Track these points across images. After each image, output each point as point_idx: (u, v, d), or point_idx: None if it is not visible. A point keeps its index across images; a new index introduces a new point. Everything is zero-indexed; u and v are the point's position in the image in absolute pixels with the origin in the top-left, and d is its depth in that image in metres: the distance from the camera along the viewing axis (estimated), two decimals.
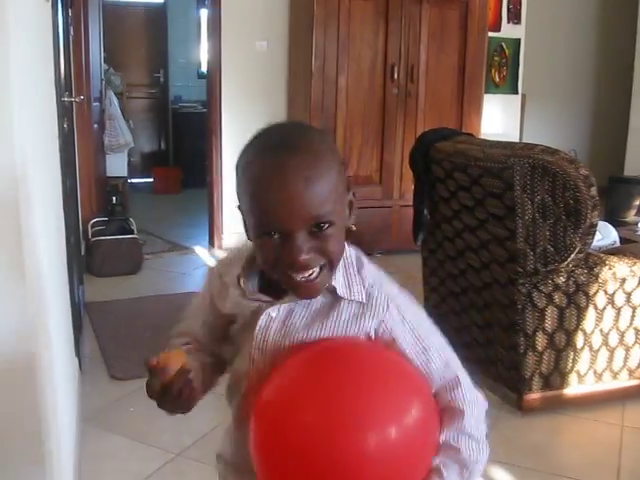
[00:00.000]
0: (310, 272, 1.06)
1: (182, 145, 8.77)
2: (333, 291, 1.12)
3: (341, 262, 1.12)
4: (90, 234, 4.98)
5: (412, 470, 1.05)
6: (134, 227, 5.21)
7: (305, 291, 1.09)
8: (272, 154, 1.04)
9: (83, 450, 2.53)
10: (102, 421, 2.80)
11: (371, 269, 1.17)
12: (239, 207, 1.13)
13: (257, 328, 1.13)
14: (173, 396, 1.07)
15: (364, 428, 0.98)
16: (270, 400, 1.05)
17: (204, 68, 8.55)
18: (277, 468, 1.02)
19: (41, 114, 2.10)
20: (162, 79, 9.05)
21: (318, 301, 1.12)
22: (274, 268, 1.07)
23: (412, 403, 1.06)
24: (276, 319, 1.13)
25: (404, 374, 1.10)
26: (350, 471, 0.96)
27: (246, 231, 1.12)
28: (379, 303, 1.13)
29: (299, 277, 1.06)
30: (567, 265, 2.75)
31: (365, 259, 1.18)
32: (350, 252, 1.16)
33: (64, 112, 3.05)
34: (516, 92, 6.59)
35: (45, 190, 2.06)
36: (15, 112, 1.39)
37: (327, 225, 1.04)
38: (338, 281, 1.12)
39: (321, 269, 1.07)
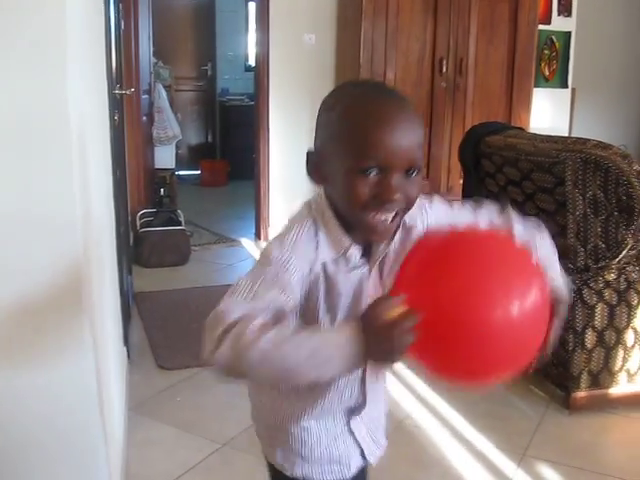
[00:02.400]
0: (390, 215, 1.12)
1: (229, 138, 8.82)
2: (405, 226, 1.21)
3: None
4: (138, 225, 5.04)
5: (536, 335, 1.12)
6: (182, 219, 5.26)
7: (380, 233, 1.14)
8: (383, 98, 1.12)
9: (131, 438, 2.57)
10: (149, 410, 2.84)
11: None
12: (312, 151, 1.18)
13: (365, 295, 1.18)
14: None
15: (490, 305, 1.05)
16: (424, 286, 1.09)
17: (251, 61, 8.60)
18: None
19: (94, 106, 2.12)
20: (210, 72, 9.10)
21: (396, 242, 1.20)
22: (364, 207, 1.10)
23: (528, 274, 1.13)
24: (373, 277, 1.20)
25: (512, 249, 1.17)
26: (482, 339, 1.05)
27: (315, 175, 1.17)
28: (424, 213, 1.28)
29: (381, 217, 1.11)
30: (618, 262, 2.70)
31: None
32: None
33: (115, 104, 3.09)
34: (566, 86, 6.48)
35: (98, 181, 2.09)
36: (71, 105, 1.41)
37: (416, 172, 1.12)
38: (411, 218, 1.21)
39: (396, 214, 1.13)
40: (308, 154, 1.19)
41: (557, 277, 1.25)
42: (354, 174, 1.09)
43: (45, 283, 1.48)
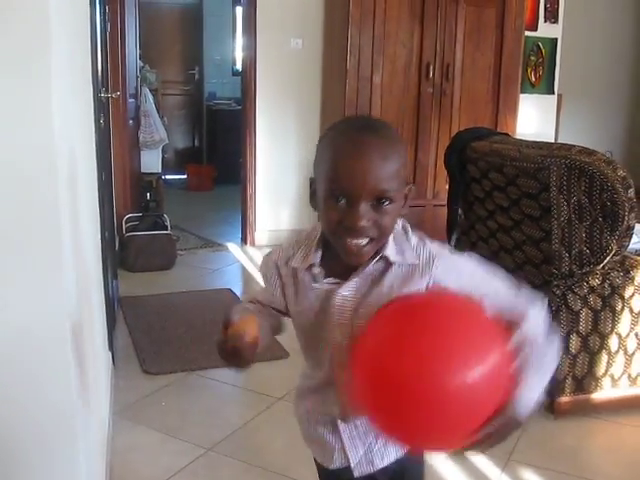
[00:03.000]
0: (363, 240, 1.21)
1: (216, 142, 8.81)
2: (386, 259, 1.26)
3: (392, 233, 1.27)
4: (124, 229, 5.02)
5: (491, 399, 1.15)
6: (168, 223, 5.25)
7: (354, 257, 1.24)
8: (358, 132, 1.20)
9: (115, 443, 2.56)
10: (134, 414, 2.83)
11: (415, 234, 1.33)
12: (312, 178, 1.28)
13: (333, 307, 1.29)
14: (239, 358, 1.19)
15: (453, 366, 1.10)
16: (370, 349, 1.17)
17: (239, 65, 8.58)
18: (380, 402, 1.16)
19: (79, 109, 2.12)
20: (197, 76, 9.10)
21: (374, 270, 1.27)
22: (334, 230, 1.22)
23: (489, 342, 1.16)
24: (349, 297, 1.28)
25: (479, 318, 1.19)
26: (440, 401, 1.10)
27: (312, 201, 1.28)
28: (425, 261, 1.28)
29: (353, 242, 1.20)
30: (603, 267, 2.72)
31: (408, 226, 1.34)
32: (398, 222, 1.30)
33: (100, 108, 3.08)
34: (552, 92, 6.52)
35: (83, 185, 2.08)
36: (55, 107, 1.41)
37: (387, 202, 1.19)
38: (391, 249, 1.26)
39: (370, 240, 1.21)
40: (310, 182, 1.29)
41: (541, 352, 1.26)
42: (328, 200, 1.20)
43: (29, 287, 1.47)
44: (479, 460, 2.59)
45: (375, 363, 1.14)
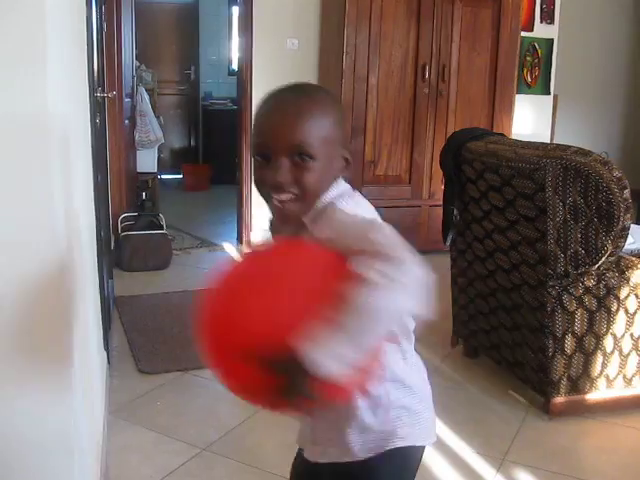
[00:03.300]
0: (284, 196, 1.20)
1: (212, 142, 8.81)
2: (302, 224, 1.23)
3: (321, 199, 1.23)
4: (120, 229, 5.02)
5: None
6: (163, 223, 5.24)
7: (279, 214, 1.25)
8: (281, 92, 1.24)
9: (110, 442, 2.56)
10: (129, 414, 2.82)
11: (349, 199, 1.24)
12: None
13: None
14: None
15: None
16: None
17: (234, 65, 8.60)
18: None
19: (75, 109, 2.11)
20: (193, 76, 9.10)
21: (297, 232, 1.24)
22: (260, 188, 1.23)
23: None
24: None
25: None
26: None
27: None
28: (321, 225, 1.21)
29: (275, 198, 1.21)
30: (598, 268, 2.72)
31: (351, 192, 1.27)
32: (339, 189, 1.25)
33: (96, 108, 3.07)
34: (548, 93, 6.53)
35: (79, 184, 2.07)
36: (51, 107, 1.41)
37: (308, 158, 1.18)
38: (311, 213, 1.23)
39: (294, 197, 1.20)
40: None
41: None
42: (254, 160, 1.23)
43: (25, 287, 1.47)
44: (474, 460, 2.60)
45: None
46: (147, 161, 6.69)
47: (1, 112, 1.37)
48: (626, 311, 2.81)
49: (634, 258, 2.87)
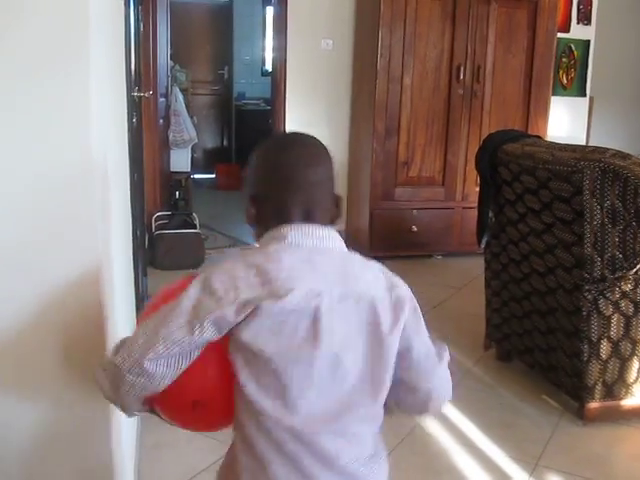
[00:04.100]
0: None
1: (244, 142, 8.84)
2: None
3: None
4: (153, 227, 5.05)
5: None
6: (197, 222, 5.27)
7: None
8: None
9: (143, 441, 2.57)
10: None
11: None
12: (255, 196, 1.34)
13: None
14: None
15: None
16: None
17: (268, 66, 8.62)
18: None
19: (114, 109, 2.13)
20: (226, 76, 9.14)
21: None
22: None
23: None
24: None
25: None
26: None
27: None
28: None
29: None
30: (635, 272, 2.68)
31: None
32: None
33: (133, 107, 3.10)
34: (584, 95, 6.46)
35: (117, 183, 2.10)
36: (93, 107, 1.42)
37: None
38: None
39: None
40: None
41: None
42: (259, 200, 1.36)
43: (64, 283, 1.48)
44: (506, 464, 2.58)
45: None
46: (181, 160, 6.73)
47: (45, 111, 1.39)
48: None
49: None
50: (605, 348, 2.77)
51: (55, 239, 1.46)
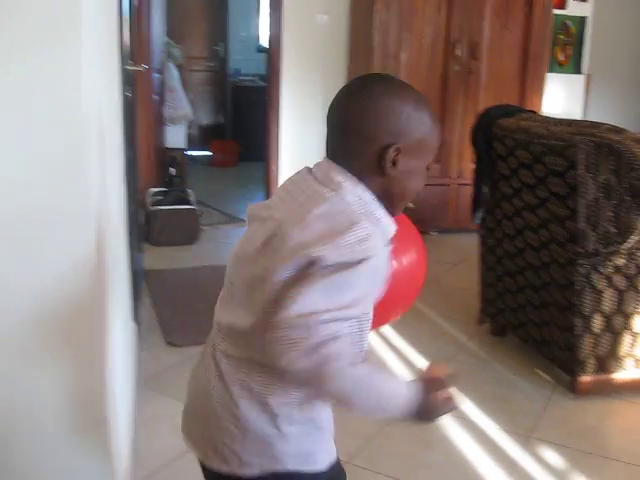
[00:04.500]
0: None
1: (240, 118, 8.81)
2: None
3: None
4: (149, 204, 5.05)
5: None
6: (192, 198, 5.27)
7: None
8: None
9: (139, 412, 2.59)
10: (158, 385, 2.86)
11: None
12: (393, 146, 1.18)
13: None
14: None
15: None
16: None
17: (263, 42, 8.57)
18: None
19: (107, 81, 2.13)
20: (222, 52, 9.09)
21: None
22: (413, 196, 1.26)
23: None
24: None
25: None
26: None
27: (391, 170, 1.19)
28: None
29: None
30: (628, 247, 2.70)
31: None
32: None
33: (127, 80, 3.08)
34: (580, 72, 6.46)
35: (112, 158, 2.10)
36: (85, 77, 1.42)
37: None
38: None
39: None
40: (389, 148, 1.18)
41: None
42: (426, 170, 1.25)
43: (60, 259, 1.49)
44: (499, 437, 2.60)
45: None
46: (176, 137, 6.70)
47: (37, 84, 1.39)
48: None
49: None
50: (597, 322, 2.78)
51: (52, 213, 1.47)
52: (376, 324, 1.27)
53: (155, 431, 2.53)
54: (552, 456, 2.50)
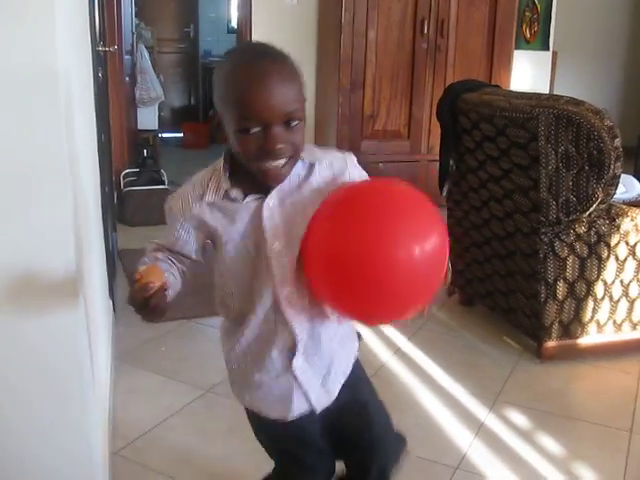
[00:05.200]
0: (282, 161, 1.28)
1: (211, 100, 8.79)
2: (308, 166, 1.37)
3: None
4: (122, 185, 5.08)
5: (431, 279, 1.29)
6: (165, 178, 5.30)
7: (274, 178, 1.31)
8: (258, 61, 1.26)
9: (117, 385, 2.65)
10: (135, 359, 2.92)
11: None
12: (215, 112, 1.33)
13: (264, 220, 1.33)
14: (150, 309, 1.26)
15: (396, 245, 1.21)
16: (319, 243, 1.28)
17: (234, 23, 8.57)
18: (339, 287, 1.27)
19: (79, 62, 2.16)
20: (192, 34, 9.08)
21: (295, 180, 1.36)
22: (254, 157, 1.27)
23: (432, 228, 1.29)
24: (275, 206, 1.34)
25: (420, 202, 1.32)
26: (386, 276, 1.21)
27: (218, 134, 1.33)
28: (341, 159, 1.42)
29: (273, 164, 1.28)
30: (589, 215, 2.79)
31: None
32: None
33: (99, 61, 3.11)
34: (547, 48, 6.54)
35: (84, 138, 2.13)
36: (59, 58, 1.45)
37: (297, 122, 1.27)
38: (306, 158, 1.36)
39: (289, 159, 1.30)
40: (213, 115, 1.35)
41: None
42: (240, 134, 1.26)
43: (36, 239, 1.53)
44: (467, 400, 2.69)
45: (327, 253, 1.26)
46: (148, 119, 6.72)
47: (9, 63, 1.42)
48: (616, 258, 2.89)
49: (624, 206, 2.93)
50: (561, 289, 2.88)
51: (28, 193, 1.50)
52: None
53: (132, 402, 2.59)
54: (518, 417, 2.59)
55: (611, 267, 2.90)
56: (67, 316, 1.61)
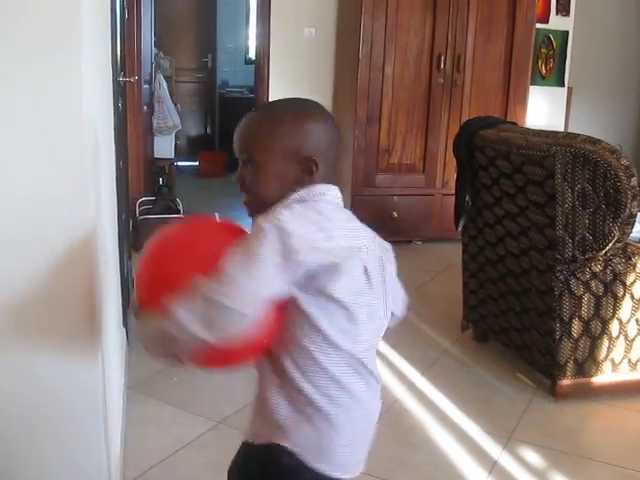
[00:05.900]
0: (245, 197, 1.39)
1: (228, 130, 8.84)
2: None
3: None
4: (137, 213, 5.11)
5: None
6: (180, 207, 5.33)
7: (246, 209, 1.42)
8: (255, 110, 1.47)
9: (128, 415, 2.65)
10: (147, 389, 2.92)
11: (290, 207, 1.31)
12: None
13: None
14: None
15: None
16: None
17: (251, 54, 8.65)
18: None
19: (102, 93, 2.19)
20: (210, 64, 9.16)
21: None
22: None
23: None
24: None
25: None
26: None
27: None
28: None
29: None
30: (605, 254, 2.79)
31: (304, 199, 1.34)
32: (301, 194, 1.34)
33: (119, 92, 3.15)
34: (562, 85, 6.56)
35: (104, 167, 2.15)
36: (85, 91, 1.48)
37: (251, 164, 1.35)
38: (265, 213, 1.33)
39: (250, 198, 1.39)
40: None
41: None
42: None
43: (57, 267, 1.54)
44: (481, 438, 2.67)
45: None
46: (164, 147, 6.76)
47: (37, 96, 1.44)
48: (632, 297, 2.88)
49: None
50: (576, 327, 2.87)
51: (51, 224, 1.52)
52: None
53: (144, 433, 2.59)
54: (532, 456, 2.57)
55: (627, 306, 2.89)
56: (81, 347, 1.62)
